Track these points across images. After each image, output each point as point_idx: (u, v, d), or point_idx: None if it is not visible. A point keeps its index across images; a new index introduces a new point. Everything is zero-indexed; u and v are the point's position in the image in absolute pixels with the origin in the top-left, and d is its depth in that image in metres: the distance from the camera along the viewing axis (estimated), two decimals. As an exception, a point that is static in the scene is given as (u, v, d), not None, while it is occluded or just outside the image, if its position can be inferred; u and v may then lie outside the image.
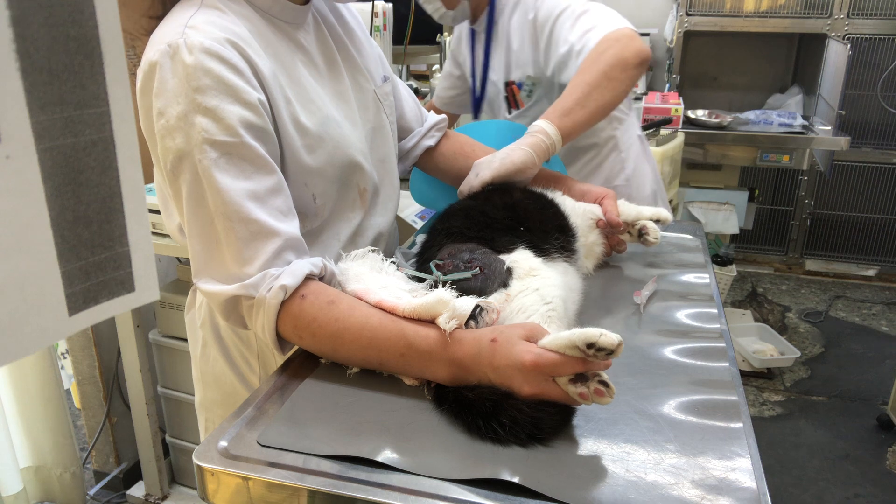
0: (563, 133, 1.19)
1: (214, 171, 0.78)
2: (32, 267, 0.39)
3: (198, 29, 0.80)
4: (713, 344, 0.88)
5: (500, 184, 1.10)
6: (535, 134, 1.17)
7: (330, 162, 0.92)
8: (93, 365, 2.04)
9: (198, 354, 1.05)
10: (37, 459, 1.99)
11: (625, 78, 1.28)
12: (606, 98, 1.26)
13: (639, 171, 1.66)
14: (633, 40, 1.31)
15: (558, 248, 0.96)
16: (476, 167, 1.14)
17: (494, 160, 1.12)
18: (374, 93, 1.05)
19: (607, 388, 0.67)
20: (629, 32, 1.33)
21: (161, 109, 0.79)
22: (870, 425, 2.53)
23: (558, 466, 0.64)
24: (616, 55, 1.28)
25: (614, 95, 1.27)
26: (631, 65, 1.28)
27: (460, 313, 0.75)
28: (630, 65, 1.28)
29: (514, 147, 1.14)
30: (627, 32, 1.33)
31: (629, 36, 1.32)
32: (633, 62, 1.29)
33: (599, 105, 1.25)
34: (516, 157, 1.12)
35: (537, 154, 1.14)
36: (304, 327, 0.79)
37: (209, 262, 0.82)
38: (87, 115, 0.40)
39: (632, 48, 1.29)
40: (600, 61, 1.28)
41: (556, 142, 1.18)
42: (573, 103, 1.23)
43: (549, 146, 1.17)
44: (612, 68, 1.26)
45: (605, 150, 1.62)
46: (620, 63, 1.27)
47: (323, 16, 1.01)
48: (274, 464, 0.65)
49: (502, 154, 1.13)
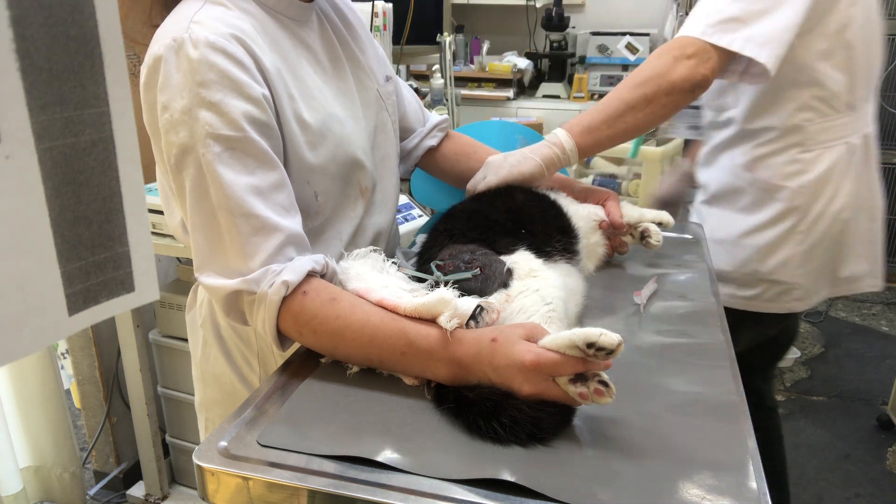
0: (580, 150, 1.14)
1: (218, 166, 0.79)
2: (32, 267, 0.39)
3: (203, 24, 0.81)
4: (713, 344, 0.88)
5: (505, 186, 1.10)
6: (552, 146, 1.12)
7: (332, 159, 0.93)
8: (93, 365, 2.04)
9: (198, 354, 1.05)
10: (37, 459, 1.99)
11: (668, 103, 1.14)
12: (640, 121, 1.15)
13: (830, 187, 1.29)
14: (693, 58, 1.13)
15: (560, 249, 0.96)
16: (486, 167, 1.13)
17: (504, 166, 1.11)
18: (376, 91, 1.05)
19: (607, 388, 0.67)
20: (694, 48, 1.14)
21: (165, 104, 0.80)
22: (870, 425, 2.53)
23: (558, 466, 0.64)
24: (664, 76, 1.13)
25: (650, 120, 1.16)
26: (678, 90, 1.13)
27: (461, 313, 0.75)
28: (676, 90, 1.13)
29: (527, 155, 1.12)
30: (691, 48, 1.14)
31: (691, 52, 1.14)
32: (682, 88, 1.13)
33: (629, 127, 1.15)
34: (525, 168, 1.11)
35: (548, 168, 1.12)
36: (305, 324, 0.79)
37: (211, 256, 0.82)
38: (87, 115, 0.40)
39: (684, 70, 1.13)
40: (646, 78, 1.14)
41: (572, 157, 1.13)
42: (601, 121, 1.14)
43: (563, 161, 1.13)
44: (657, 91, 1.13)
45: (780, 142, 1.31)
46: (667, 87, 1.13)
47: (327, 14, 1.02)
48: (274, 464, 0.65)
49: (513, 160, 1.12)
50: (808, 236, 1.32)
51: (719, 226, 1.40)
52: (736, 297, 1.39)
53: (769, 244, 1.34)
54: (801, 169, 1.29)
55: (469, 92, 3.72)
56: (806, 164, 1.29)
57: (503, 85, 3.82)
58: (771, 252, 1.34)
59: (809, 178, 1.30)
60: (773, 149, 1.32)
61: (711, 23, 1.15)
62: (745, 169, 1.36)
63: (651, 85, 1.13)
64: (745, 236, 1.36)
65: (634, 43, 3.64)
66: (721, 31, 1.14)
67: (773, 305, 1.38)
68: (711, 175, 1.45)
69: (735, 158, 1.37)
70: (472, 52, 3.97)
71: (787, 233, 1.32)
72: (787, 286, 1.35)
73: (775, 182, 1.32)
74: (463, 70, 3.84)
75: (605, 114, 1.15)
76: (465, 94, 3.56)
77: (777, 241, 1.33)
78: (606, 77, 3.69)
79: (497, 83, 3.83)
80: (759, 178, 1.34)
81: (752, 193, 1.35)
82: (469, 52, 3.97)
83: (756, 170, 1.34)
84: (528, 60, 3.89)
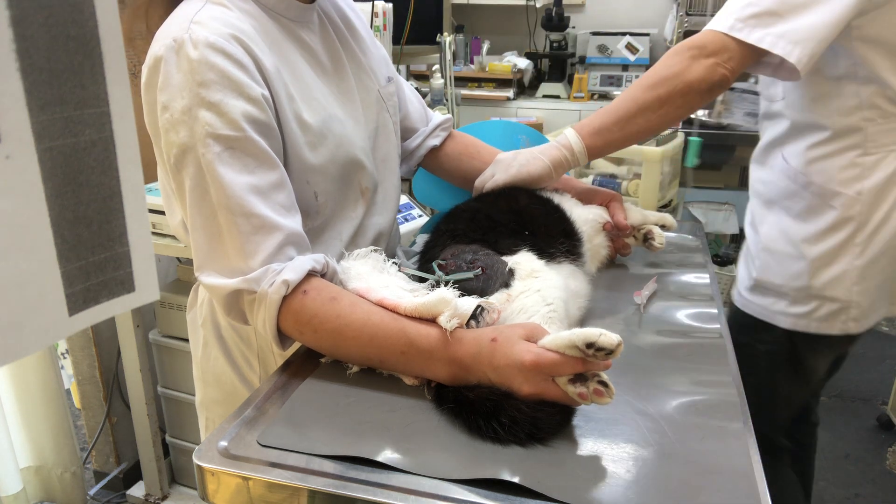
0: (590, 152, 1.11)
1: (218, 165, 0.79)
2: (32, 267, 0.39)
3: (203, 24, 0.81)
4: (713, 344, 0.88)
5: (508, 187, 1.10)
6: (560, 148, 1.11)
7: (332, 159, 0.93)
8: (93, 365, 2.04)
9: (199, 353, 1.05)
10: (37, 459, 1.99)
11: (683, 104, 1.09)
12: (653, 124, 1.10)
13: (893, 195, 1.18)
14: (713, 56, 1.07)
15: (564, 251, 0.96)
16: (495, 164, 1.12)
17: (513, 165, 1.10)
18: (377, 92, 1.05)
19: (607, 389, 0.67)
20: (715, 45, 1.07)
21: (165, 104, 0.80)
22: (870, 425, 2.53)
23: (558, 466, 0.64)
24: (680, 76, 1.07)
25: (664, 122, 1.11)
26: (694, 91, 1.07)
27: (461, 313, 0.75)
28: (693, 91, 1.07)
29: (536, 156, 1.11)
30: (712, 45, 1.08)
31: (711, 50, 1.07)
32: (699, 88, 1.07)
33: (642, 129, 1.11)
34: (533, 169, 1.10)
35: (556, 169, 1.10)
36: (306, 323, 0.79)
37: (212, 255, 0.82)
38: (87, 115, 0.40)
39: (701, 69, 1.06)
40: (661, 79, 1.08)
41: (581, 159, 1.11)
42: (612, 123, 1.10)
43: (571, 162, 1.11)
44: (672, 92, 1.07)
45: (836, 142, 1.20)
46: (682, 88, 1.07)
47: (328, 15, 1.02)
48: (274, 464, 0.65)
49: (522, 160, 1.11)
50: (866, 249, 1.20)
51: (770, 233, 1.30)
52: (788, 315, 1.27)
53: (822, 256, 1.22)
54: (860, 174, 1.18)
55: (469, 92, 3.72)
56: (865, 168, 1.18)
57: (503, 85, 3.82)
58: (824, 265, 1.22)
59: (869, 184, 1.17)
60: (828, 150, 1.20)
61: (743, 16, 1.07)
62: (798, 171, 1.25)
63: (666, 86, 1.08)
64: (797, 246, 1.25)
65: (634, 43, 3.64)
66: (752, 25, 1.06)
67: (826, 325, 1.25)
68: (764, 176, 1.34)
69: (789, 159, 1.27)
70: (472, 52, 3.97)
71: (842, 244, 1.20)
72: (843, 304, 1.22)
73: (831, 187, 1.20)
74: (463, 70, 3.85)
75: (617, 115, 1.10)
76: (465, 94, 3.56)
77: (831, 253, 1.21)
78: (606, 77, 3.69)
79: (497, 83, 3.83)
80: (813, 181, 1.22)
81: (806, 199, 1.24)
82: (469, 52, 3.97)
83: (810, 173, 1.23)
84: (528, 60, 3.89)
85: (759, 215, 1.34)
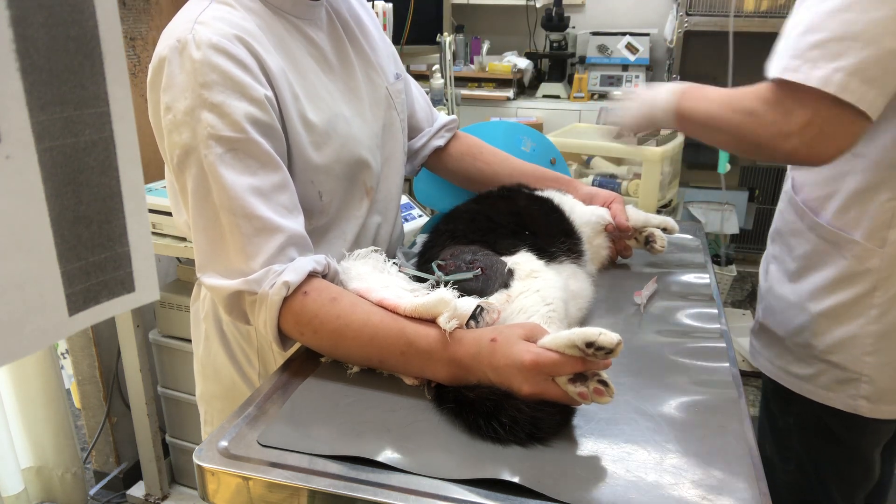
0: (677, 116, 0.98)
1: (219, 167, 0.79)
2: (32, 267, 0.39)
3: (207, 24, 0.81)
4: (713, 344, 0.88)
5: (507, 189, 1.11)
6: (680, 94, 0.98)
7: (337, 159, 0.93)
8: (93, 365, 2.04)
9: (200, 347, 1.05)
10: (38, 460, 1.99)
11: (741, 152, 0.98)
12: (717, 140, 0.98)
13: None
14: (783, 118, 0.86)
15: (565, 251, 0.96)
16: None
17: None
18: (386, 90, 1.05)
19: (607, 388, 0.67)
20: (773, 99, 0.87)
21: (168, 104, 0.80)
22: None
23: (558, 466, 0.64)
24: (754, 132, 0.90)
25: (724, 145, 1.01)
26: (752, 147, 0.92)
27: (461, 313, 0.75)
28: (751, 147, 0.92)
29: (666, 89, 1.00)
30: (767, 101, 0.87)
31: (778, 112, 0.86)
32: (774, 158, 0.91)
33: (709, 139, 0.99)
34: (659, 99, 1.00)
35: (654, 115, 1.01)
36: (306, 323, 0.79)
37: (213, 256, 0.82)
38: (87, 115, 0.40)
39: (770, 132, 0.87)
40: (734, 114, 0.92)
41: (668, 121, 0.99)
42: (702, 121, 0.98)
43: (661, 119, 1.01)
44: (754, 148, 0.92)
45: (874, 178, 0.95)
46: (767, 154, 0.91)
47: (338, 12, 1.01)
48: (274, 464, 0.65)
49: None
50: (886, 313, 0.97)
51: (776, 273, 1.12)
52: (790, 375, 1.07)
53: (828, 313, 1.01)
54: (891, 220, 0.94)
55: (469, 92, 3.72)
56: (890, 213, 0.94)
57: (503, 85, 3.81)
58: (830, 324, 1.01)
59: (894, 234, 0.94)
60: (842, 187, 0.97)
61: (798, 51, 0.85)
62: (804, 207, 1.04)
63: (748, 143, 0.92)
64: (799, 295, 1.05)
65: (634, 43, 3.64)
66: (813, 59, 0.84)
67: (832, 396, 1.03)
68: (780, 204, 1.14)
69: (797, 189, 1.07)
70: (472, 52, 3.96)
71: (853, 302, 0.98)
72: (850, 375, 1.00)
73: (843, 232, 0.98)
74: (463, 70, 3.84)
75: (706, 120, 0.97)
76: (465, 94, 3.55)
77: (839, 310, 1.00)
78: (606, 77, 3.69)
79: (497, 83, 3.83)
80: (821, 222, 1.01)
81: (811, 241, 1.03)
82: (469, 52, 3.97)
83: (818, 210, 1.01)
84: (528, 60, 3.89)
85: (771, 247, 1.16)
